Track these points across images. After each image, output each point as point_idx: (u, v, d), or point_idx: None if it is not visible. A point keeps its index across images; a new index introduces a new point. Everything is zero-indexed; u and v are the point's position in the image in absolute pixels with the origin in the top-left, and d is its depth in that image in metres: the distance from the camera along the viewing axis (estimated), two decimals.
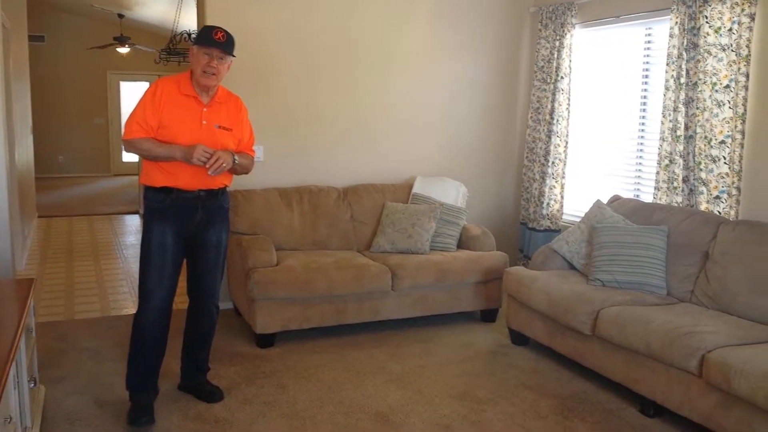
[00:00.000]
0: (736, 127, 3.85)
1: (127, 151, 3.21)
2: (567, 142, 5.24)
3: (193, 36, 7.27)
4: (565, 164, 5.27)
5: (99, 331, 4.41)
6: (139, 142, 3.08)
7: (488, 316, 4.79)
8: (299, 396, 3.49)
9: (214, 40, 3.08)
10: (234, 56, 3.17)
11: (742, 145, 3.86)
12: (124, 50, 11.71)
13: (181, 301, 3.45)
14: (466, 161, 5.62)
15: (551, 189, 5.31)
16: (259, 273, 4.05)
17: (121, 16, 11.22)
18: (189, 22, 8.77)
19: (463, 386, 3.65)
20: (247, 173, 3.40)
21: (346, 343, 4.26)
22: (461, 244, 4.90)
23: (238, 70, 4.72)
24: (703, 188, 4.02)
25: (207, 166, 3.03)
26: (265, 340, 4.15)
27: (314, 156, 5.08)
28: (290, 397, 3.47)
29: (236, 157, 3.16)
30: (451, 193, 5.11)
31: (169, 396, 3.40)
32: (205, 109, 3.15)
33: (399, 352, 4.14)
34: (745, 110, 3.83)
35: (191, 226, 3.21)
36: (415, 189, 5.08)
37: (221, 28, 3.12)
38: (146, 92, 3.12)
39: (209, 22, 4.66)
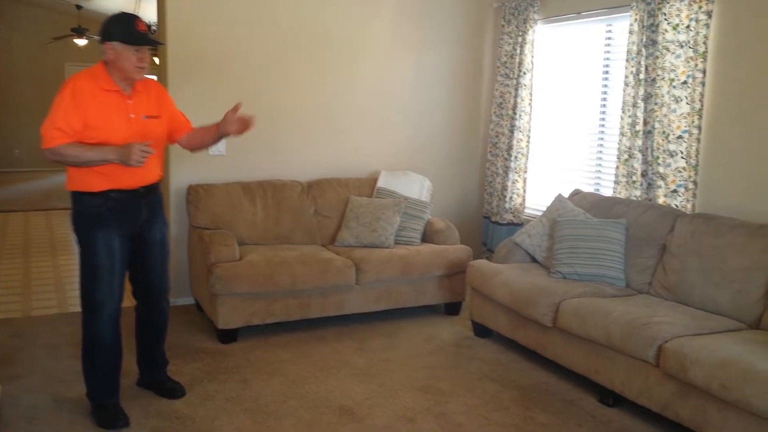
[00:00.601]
0: (693, 122, 3.93)
1: (50, 160, 2.87)
2: (529, 137, 5.30)
3: (153, 28, 7.14)
4: (527, 159, 5.32)
5: (57, 327, 4.31)
6: (64, 148, 2.81)
7: (452, 309, 4.82)
8: (262, 391, 3.47)
9: (143, 35, 2.90)
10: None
11: (698, 140, 3.94)
12: (82, 42, 11.45)
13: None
14: (430, 155, 5.64)
15: (514, 183, 5.36)
16: (221, 268, 4.00)
17: (79, 7, 10.97)
18: (149, 14, 8.61)
19: (426, 379, 3.66)
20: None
21: (310, 337, 4.25)
22: (425, 238, 4.92)
23: (199, 61, 4.67)
24: (661, 182, 4.10)
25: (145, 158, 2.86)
26: (228, 336, 4.11)
27: (278, 150, 5.04)
28: (253, 393, 3.45)
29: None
30: (416, 187, 5.12)
31: (128, 392, 3.33)
32: (129, 102, 2.98)
33: (363, 346, 4.14)
34: (702, 106, 3.91)
35: (136, 226, 3.09)
36: (380, 183, 5.08)
37: (139, 17, 2.93)
38: (62, 93, 2.86)
39: (170, 14, 4.59)
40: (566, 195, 4.59)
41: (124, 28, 2.90)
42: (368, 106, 5.33)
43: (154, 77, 5.04)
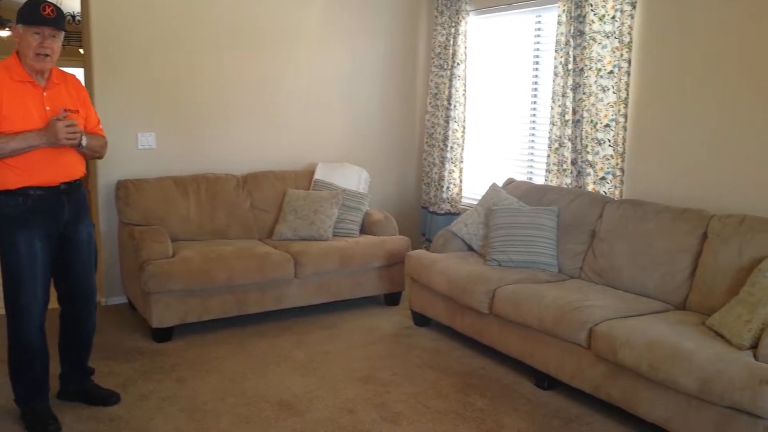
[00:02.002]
0: (619, 111, 4.05)
1: None
2: (464, 127, 5.36)
3: (78, 18, 6.88)
4: (463, 149, 5.39)
5: None
6: None
7: (392, 299, 4.84)
8: (199, 389, 3.40)
9: (43, 17, 2.76)
10: (66, 31, 2.91)
11: (625, 128, 4.07)
12: (4, 33, 10.90)
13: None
14: (367, 147, 5.64)
15: (450, 173, 5.42)
16: (153, 265, 3.90)
17: None
18: (73, 3, 8.28)
19: (367, 370, 3.67)
20: (100, 157, 3.18)
21: (248, 333, 4.19)
22: (364, 230, 4.92)
23: (125, 52, 4.52)
24: (590, 170, 4.22)
25: (73, 135, 2.78)
26: (162, 334, 4.01)
27: (211, 143, 4.93)
28: (190, 391, 3.38)
29: (85, 137, 2.91)
30: (353, 178, 5.11)
31: (56, 395, 3.22)
32: (45, 93, 2.87)
33: (303, 339, 4.11)
34: (628, 95, 4.04)
35: (59, 226, 2.95)
36: (317, 175, 5.04)
37: (49, 2, 2.81)
38: None
39: (93, 2, 4.41)
40: (500, 184, 4.67)
41: (28, 9, 2.78)
42: (303, 98, 5.28)
43: (81, 70, 4.90)
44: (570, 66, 4.25)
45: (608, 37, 4.05)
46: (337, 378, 3.56)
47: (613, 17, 4.01)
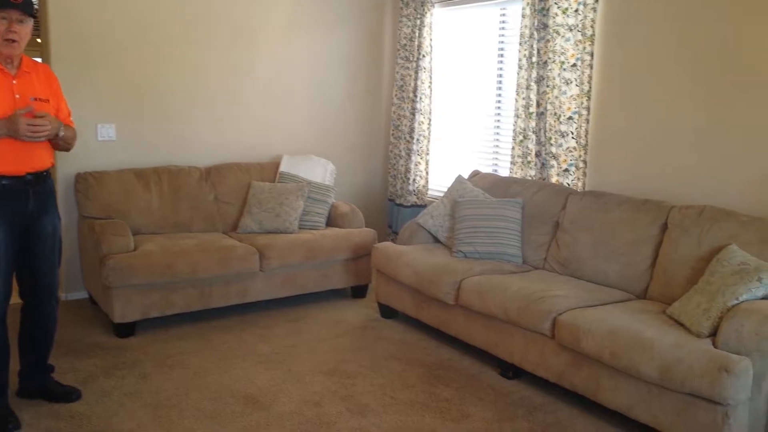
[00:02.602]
0: (582, 103, 4.10)
1: None
2: (430, 120, 5.37)
3: (36, 6, 6.69)
4: (429, 141, 5.40)
5: None
6: None
7: (358, 292, 4.84)
8: (163, 384, 3.35)
9: (10, 1, 2.70)
10: (35, 17, 2.85)
11: (587, 121, 4.12)
12: None
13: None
14: (333, 139, 5.61)
15: (417, 165, 5.43)
16: (114, 259, 3.83)
17: None
18: None
19: (333, 362, 3.66)
20: (68, 149, 3.11)
21: (212, 327, 4.14)
22: (330, 222, 4.90)
23: (86, 42, 4.41)
24: (554, 162, 4.27)
25: (35, 132, 2.73)
26: (125, 329, 3.94)
27: (173, 134, 4.85)
28: (153, 387, 3.33)
29: (62, 129, 2.87)
30: (319, 171, 5.08)
31: (15, 393, 3.14)
32: (14, 81, 2.80)
33: (268, 333, 4.08)
34: (590, 88, 4.09)
35: (23, 218, 2.88)
36: (282, 167, 5.00)
37: None
38: None
39: None
40: (466, 176, 4.69)
41: None
42: (268, 89, 5.22)
43: (38, 60, 4.75)
44: (534, 59, 4.28)
45: (571, 30, 4.09)
46: (303, 371, 3.54)
47: (576, 10, 4.05)
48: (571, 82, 4.12)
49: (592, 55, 4.05)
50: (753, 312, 2.65)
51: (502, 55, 4.85)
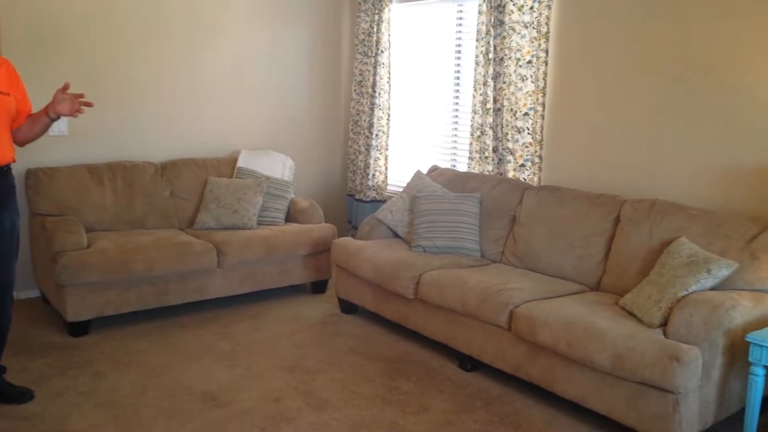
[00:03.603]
0: (537, 99, 4.17)
1: None
2: (389, 115, 5.38)
3: None
4: (388, 136, 5.41)
5: None
6: None
7: (318, 287, 4.83)
8: (119, 383, 3.30)
9: None
10: None
11: (542, 117, 4.19)
12: None
13: None
14: (291, 134, 5.58)
15: (376, 161, 5.44)
16: (67, 257, 3.74)
17: None
18: None
19: (293, 358, 3.65)
20: (26, 143, 3.11)
21: (170, 325, 4.09)
22: (289, 218, 4.87)
23: (36, 32, 4.29)
24: (510, 157, 4.33)
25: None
26: (79, 328, 3.86)
27: (128, 129, 4.75)
28: (109, 386, 3.27)
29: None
30: (278, 166, 5.05)
31: None
32: None
33: (227, 330, 4.05)
34: (545, 84, 4.16)
35: None
36: (240, 163, 4.95)
37: None
38: None
39: None
40: (425, 171, 4.73)
41: None
42: (225, 84, 5.16)
43: None
44: (490, 55, 4.33)
45: (527, 27, 4.14)
46: (262, 368, 3.53)
47: (531, 8, 4.11)
48: (527, 79, 4.18)
49: (547, 52, 4.11)
50: (702, 302, 2.74)
51: (459, 52, 4.89)
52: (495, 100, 4.34)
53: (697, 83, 3.49)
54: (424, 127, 5.28)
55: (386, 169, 5.46)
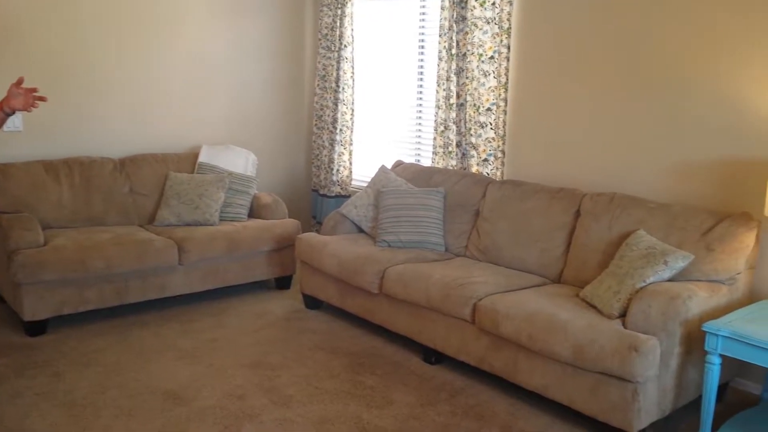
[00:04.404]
0: (499, 95, 4.20)
1: None
2: (353, 110, 5.37)
3: None
4: (352, 131, 5.39)
5: None
6: None
7: (282, 283, 4.80)
8: (78, 383, 3.23)
9: None
10: None
11: (505, 112, 4.23)
12: None
13: None
14: (254, 128, 5.52)
15: (340, 156, 5.42)
16: (23, 255, 3.64)
17: None
18: None
19: (256, 355, 3.62)
20: None
21: (130, 323, 4.02)
22: (252, 214, 4.83)
23: None
24: (474, 152, 4.36)
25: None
26: (36, 328, 3.77)
27: (85, 125, 4.65)
28: (67, 386, 3.20)
29: None
30: (240, 161, 5.00)
31: None
32: None
33: (189, 327, 3.99)
34: (507, 80, 4.19)
35: None
36: (201, 158, 4.89)
37: None
38: None
39: None
40: (389, 166, 4.73)
41: None
42: (185, 78, 5.08)
43: None
44: (453, 51, 4.35)
45: (489, 23, 4.17)
46: (225, 365, 3.49)
47: (493, 3, 4.14)
48: (489, 74, 4.21)
49: (508, 48, 4.15)
50: (659, 293, 2.80)
51: (422, 47, 4.90)
52: (458, 96, 4.36)
53: (655, 81, 3.55)
54: (389, 122, 5.28)
55: (350, 164, 5.45)
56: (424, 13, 4.86)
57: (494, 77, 4.19)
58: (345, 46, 5.23)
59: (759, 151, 3.17)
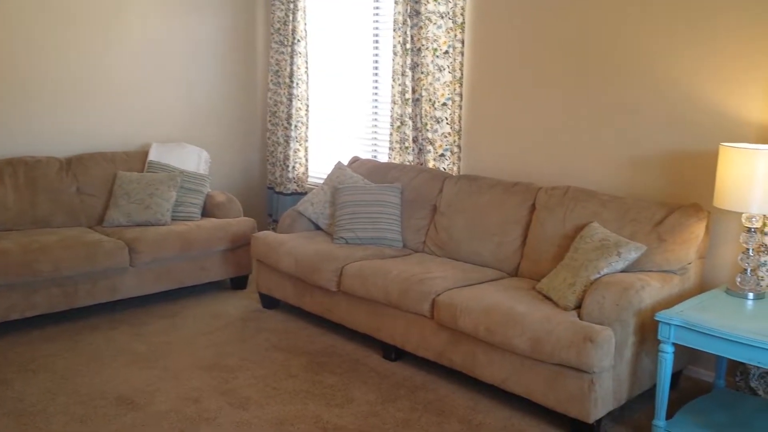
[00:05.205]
0: (455, 90, 4.21)
1: None
2: (308, 106, 5.31)
3: None
4: (307, 127, 5.34)
5: None
6: None
7: (238, 283, 4.72)
8: (26, 390, 3.11)
9: None
10: None
11: (460, 107, 4.24)
12: None
13: None
14: (206, 126, 5.42)
15: (296, 152, 5.36)
16: None
17: None
18: None
19: (212, 357, 3.55)
20: None
21: (80, 327, 3.90)
22: (206, 213, 4.73)
23: None
24: (430, 147, 4.36)
25: None
26: None
27: (29, 123, 4.49)
28: (15, 393, 3.08)
29: None
30: (192, 159, 4.89)
31: None
32: None
33: (142, 330, 3.89)
34: (462, 74, 4.20)
35: None
36: (151, 156, 4.77)
37: None
38: None
39: None
40: (346, 162, 4.69)
41: None
42: (133, 73, 4.95)
43: None
44: (408, 45, 4.33)
45: (443, 17, 4.17)
46: (180, 368, 3.41)
47: None
48: (444, 69, 4.21)
49: (462, 42, 4.15)
50: (613, 284, 2.84)
51: (377, 42, 4.88)
52: (414, 91, 4.35)
53: (606, 75, 3.60)
54: (345, 117, 5.24)
55: (306, 160, 5.39)
56: (378, 8, 4.84)
57: (449, 72, 4.20)
58: (298, 40, 5.17)
59: (707, 143, 3.25)
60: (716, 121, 3.22)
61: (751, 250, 2.88)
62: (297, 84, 5.23)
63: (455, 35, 4.14)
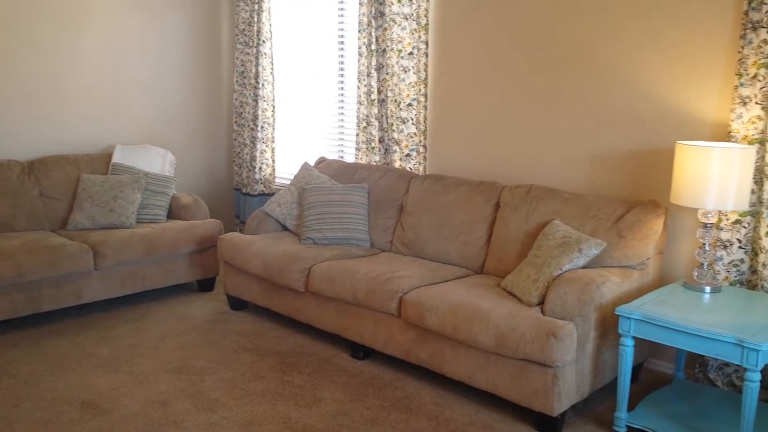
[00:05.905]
0: (420, 90, 4.25)
1: None
2: (274, 107, 5.30)
3: None
4: (273, 128, 5.33)
5: None
6: None
7: (205, 285, 4.69)
8: None
9: None
10: None
11: (425, 107, 4.28)
12: None
13: None
14: (171, 127, 5.37)
15: (262, 153, 5.35)
16: None
17: None
18: None
19: (180, 360, 3.53)
20: None
21: (44, 332, 3.84)
22: (172, 215, 4.70)
23: None
24: (396, 147, 4.39)
25: None
26: None
27: None
28: None
29: None
30: (157, 161, 4.85)
31: None
32: None
33: (107, 334, 3.85)
34: (427, 75, 4.24)
35: None
36: (115, 159, 4.71)
37: None
38: None
39: None
40: (312, 163, 4.70)
41: None
42: (97, 74, 4.89)
43: None
44: (373, 46, 4.36)
45: (407, 19, 4.21)
46: (147, 371, 3.39)
47: (411, 0, 4.17)
48: (409, 70, 4.25)
49: (427, 44, 4.20)
50: (574, 280, 2.91)
51: (342, 42, 4.89)
52: (379, 91, 4.38)
53: (567, 76, 3.68)
54: (311, 118, 5.24)
55: (273, 161, 5.38)
56: (342, 9, 4.85)
57: (414, 73, 4.24)
58: (263, 41, 5.16)
59: (664, 140, 3.34)
60: (673, 120, 3.31)
61: (707, 245, 2.97)
62: (263, 85, 5.22)
63: (419, 36, 4.18)
